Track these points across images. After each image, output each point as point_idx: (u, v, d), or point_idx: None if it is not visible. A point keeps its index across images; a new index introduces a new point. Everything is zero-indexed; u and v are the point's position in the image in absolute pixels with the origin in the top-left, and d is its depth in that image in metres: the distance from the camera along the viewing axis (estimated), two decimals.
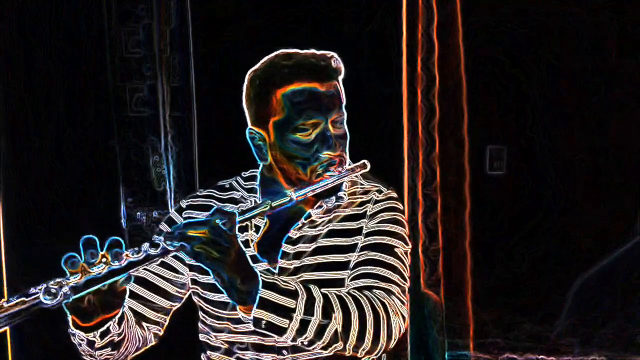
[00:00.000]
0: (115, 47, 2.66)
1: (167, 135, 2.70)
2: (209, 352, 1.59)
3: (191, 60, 2.69)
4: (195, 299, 1.58)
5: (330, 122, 1.48)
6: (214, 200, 1.59)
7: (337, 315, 1.30)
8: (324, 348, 1.32)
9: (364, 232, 1.51)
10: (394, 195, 1.58)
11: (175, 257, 1.52)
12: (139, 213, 2.71)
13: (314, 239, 1.52)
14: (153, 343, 1.57)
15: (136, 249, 1.23)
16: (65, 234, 2.70)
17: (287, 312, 1.27)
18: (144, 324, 1.54)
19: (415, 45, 2.59)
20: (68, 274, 1.19)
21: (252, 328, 1.39)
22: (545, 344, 2.67)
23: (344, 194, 1.55)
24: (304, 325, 1.28)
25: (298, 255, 1.51)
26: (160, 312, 1.56)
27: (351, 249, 1.50)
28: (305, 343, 1.30)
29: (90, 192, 2.72)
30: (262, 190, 1.57)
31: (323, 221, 1.54)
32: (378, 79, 2.60)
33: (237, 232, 1.28)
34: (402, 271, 1.47)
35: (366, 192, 1.58)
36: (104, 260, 1.21)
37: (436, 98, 2.60)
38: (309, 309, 1.28)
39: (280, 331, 1.28)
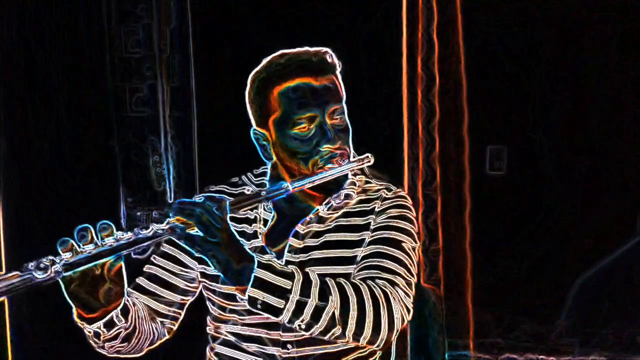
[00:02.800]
0: (115, 47, 2.66)
1: (167, 135, 2.70)
2: (215, 345, 1.60)
3: (191, 60, 2.69)
4: (204, 291, 1.60)
5: (328, 115, 1.49)
6: (224, 196, 1.59)
7: (335, 298, 1.30)
8: (323, 333, 1.31)
9: (372, 227, 1.52)
10: (404, 194, 1.60)
11: (184, 251, 1.57)
12: (138, 213, 2.71)
13: (321, 234, 1.53)
14: (168, 337, 1.59)
15: (127, 231, 1.27)
16: (65, 234, 2.70)
17: (282, 293, 1.27)
18: (158, 318, 1.57)
19: (415, 45, 2.59)
20: (61, 254, 1.24)
21: (259, 320, 1.41)
22: (545, 344, 2.67)
23: (353, 192, 1.57)
24: (300, 306, 1.28)
25: (305, 250, 1.52)
26: (173, 306, 1.58)
27: (358, 244, 1.50)
28: (303, 326, 1.30)
29: (90, 192, 2.72)
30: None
31: (331, 217, 1.55)
32: (378, 79, 2.60)
33: (228, 219, 1.30)
34: (408, 265, 1.46)
35: (376, 191, 1.59)
36: (94, 242, 1.25)
37: (436, 98, 2.60)
38: (305, 291, 1.28)
39: (276, 312, 1.28)
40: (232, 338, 1.56)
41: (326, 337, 1.32)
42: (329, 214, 1.55)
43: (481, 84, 2.60)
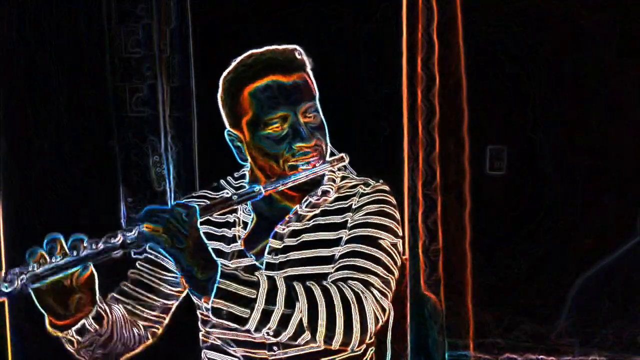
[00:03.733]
0: (115, 47, 2.66)
1: (167, 135, 2.70)
2: (205, 350, 1.60)
3: (191, 60, 2.69)
4: (192, 296, 1.59)
5: (301, 113, 1.48)
6: (206, 200, 1.58)
7: (302, 304, 1.29)
8: (292, 339, 1.31)
9: (349, 225, 1.50)
10: (384, 187, 1.57)
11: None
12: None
13: (299, 233, 1.52)
14: (151, 341, 1.57)
15: (95, 240, 1.28)
16: (65, 234, 2.70)
17: (247, 303, 1.27)
18: (140, 322, 1.55)
19: (415, 45, 2.58)
20: (30, 265, 1.24)
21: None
22: (545, 344, 2.66)
23: (331, 189, 1.55)
24: (265, 315, 1.27)
25: (285, 250, 1.51)
26: (157, 310, 1.57)
27: (336, 243, 1.49)
28: (271, 333, 1.30)
29: (90, 192, 2.72)
30: None
31: (309, 216, 1.54)
32: (378, 79, 2.60)
33: (198, 225, 1.30)
34: (387, 263, 1.44)
35: (353, 186, 1.57)
36: (63, 252, 1.26)
37: (436, 98, 2.60)
38: (270, 299, 1.28)
39: (242, 321, 1.28)
40: (219, 342, 1.56)
41: (296, 343, 1.32)
42: (308, 211, 1.53)
43: (481, 84, 2.60)
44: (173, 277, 1.58)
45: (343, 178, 1.60)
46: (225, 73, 1.54)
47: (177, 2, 2.66)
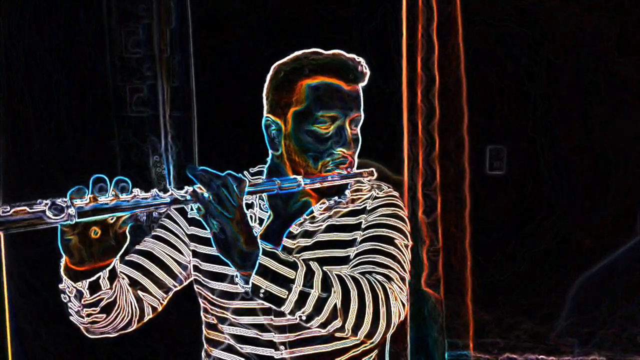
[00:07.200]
0: (115, 47, 2.66)
1: (167, 135, 2.70)
2: (209, 347, 1.60)
3: (191, 60, 2.69)
4: (196, 287, 1.59)
5: (349, 121, 1.51)
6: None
7: (337, 289, 1.29)
8: (323, 325, 1.30)
9: (363, 226, 1.52)
10: (395, 193, 1.60)
11: (180, 240, 1.57)
12: (139, 213, 2.71)
13: (313, 234, 1.53)
14: (147, 318, 1.53)
15: (143, 191, 1.25)
16: None
17: (286, 283, 1.26)
18: (140, 292, 1.52)
19: (415, 45, 2.59)
20: (77, 199, 1.21)
21: (251, 321, 1.42)
22: (545, 344, 2.67)
23: (347, 193, 1.57)
24: (302, 297, 1.27)
25: (298, 250, 1.52)
26: (158, 285, 1.55)
27: (350, 244, 1.51)
28: (304, 318, 1.29)
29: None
30: None
31: (323, 217, 1.55)
32: (378, 79, 2.60)
33: (243, 200, 1.28)
34: (402, 261, 1.46)
35: (367, 190, 1.60)
36: (112, 194, 1.23)
37: (436, 98, 2.60)
38: (308, 282, 1.28)
39: (279, 302, 1.27)
40: (224, 340, 1.56)
41: (325, 330, 1.31)
42: (321, 213, 1.55)
43: (481, 84, 2.60)
44: (182, 259, 1.57)
45: (357, 181, 1.61)
46: (281, 62, 1.54)
47: (177, 2, 2.66)
